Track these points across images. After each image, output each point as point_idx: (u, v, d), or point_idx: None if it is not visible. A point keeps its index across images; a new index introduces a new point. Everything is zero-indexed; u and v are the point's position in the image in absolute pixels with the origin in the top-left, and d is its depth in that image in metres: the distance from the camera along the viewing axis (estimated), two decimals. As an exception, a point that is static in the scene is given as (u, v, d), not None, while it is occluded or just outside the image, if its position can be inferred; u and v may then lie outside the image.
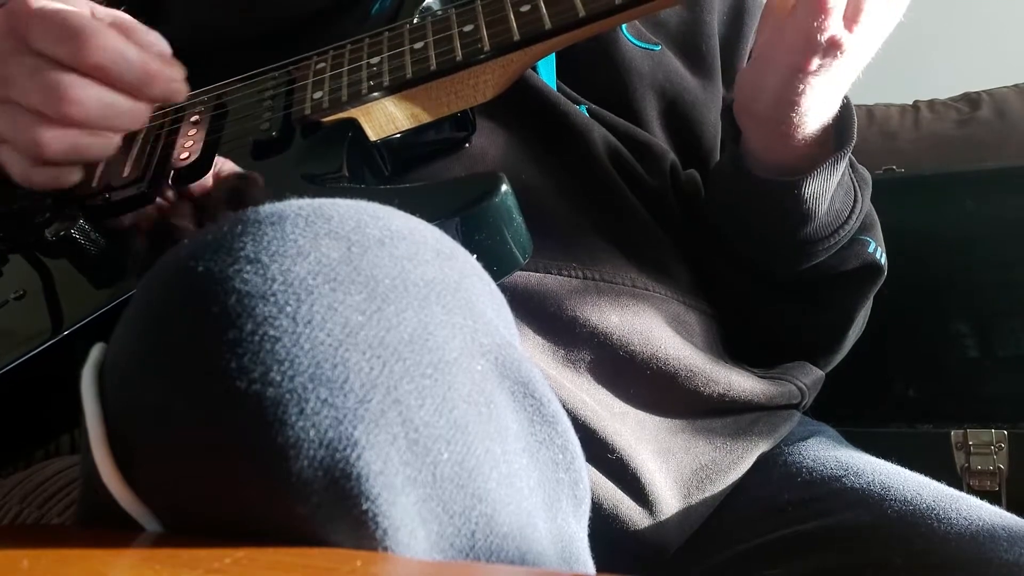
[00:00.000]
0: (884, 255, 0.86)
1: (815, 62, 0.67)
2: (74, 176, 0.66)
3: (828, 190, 0.75)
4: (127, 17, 0.66)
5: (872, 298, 0.90)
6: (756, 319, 0.86)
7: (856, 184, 0.82)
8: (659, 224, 0.81)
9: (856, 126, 0.75)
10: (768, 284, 0.84)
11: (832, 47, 0.65)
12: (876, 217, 0.89)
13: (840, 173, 0.76)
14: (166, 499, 0.39)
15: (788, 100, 0.70)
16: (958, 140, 1.56)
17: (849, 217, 0.80)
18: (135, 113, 0.64)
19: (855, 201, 0.81)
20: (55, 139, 0.62)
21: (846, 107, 0.74)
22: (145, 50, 0.64)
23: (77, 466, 0.65)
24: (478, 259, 0.46)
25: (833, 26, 0.64)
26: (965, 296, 1.31)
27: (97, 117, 0.62)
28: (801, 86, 0.68)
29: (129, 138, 0.70)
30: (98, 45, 0.61)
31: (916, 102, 1.66)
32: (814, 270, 0.82)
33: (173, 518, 0.39)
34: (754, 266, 0.83)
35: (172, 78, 0.64)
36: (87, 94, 0.61)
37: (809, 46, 0.65)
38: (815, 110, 0.71)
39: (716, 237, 0.84)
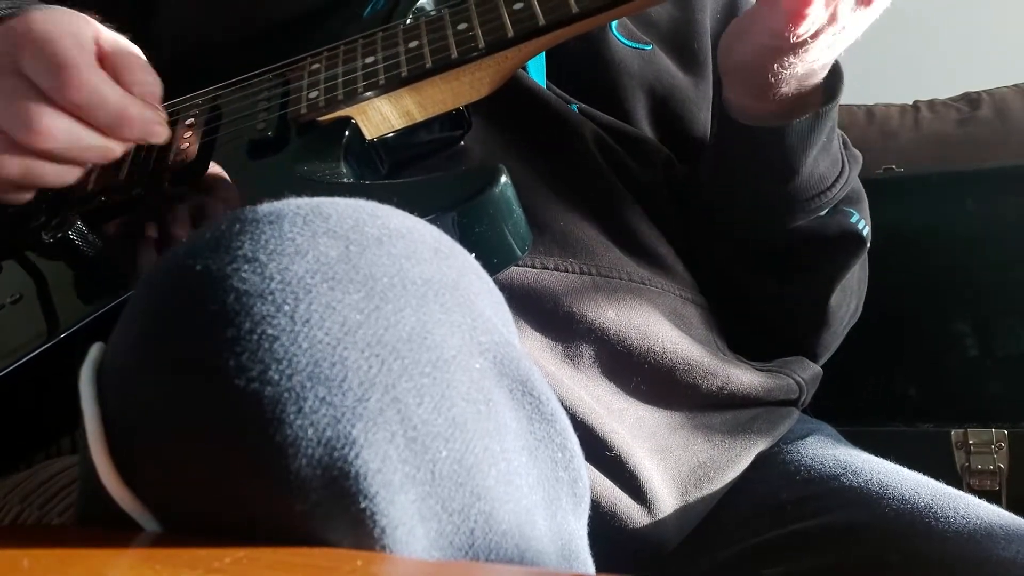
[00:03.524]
0: (868, 228, 0.87)
1: (786, 46, 0.68)
2: (23, 197, 0.67)
3: (811, 146, 0.76)
4: (127, 50, 0.67)
5: (864, 280, 0.91)
6: (743, 295, 0.87)
7: (845, 157, 0.84)
8: (653, 218, 0.81)
9: (842, 87, 0.76)
10: (752, 251, 0.85)
11: (804, 41, 0.67)
12: (864, 195, 0.90)
13: (825, 132, 0.77)
14: (164, 498, 0.39)
15: (760, 70, 0.71)
16: (958, 140, 1.56)
17: (834, 184, 0.81)
18: (104, 150, 0.65)
19: (841, 171, 0.82)
20: (11, 163, 0.63)
21: (835, 70, 0.76)
22: (133, 88, 0.64)
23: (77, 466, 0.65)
24: (477, 251, 0.46)
25: (805, 27, 0.65)
26: (965, 296, 1.31)
27: (62, 149, 0.63)
28: (772, 63, 0.70)
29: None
30: (77, 83, 0.61)
31: (916, 102, 1.65)
32: (795, 233, 0.83)
33: (172, 517, 0.39)
34: (738, 228, 0.84)
35: (150, 120, 0.65)
36: (56, 125, 0.62)
37: (783, 36, 0.66)
38: (789, 80, 0.72)
39: (703, 200, 0.84)
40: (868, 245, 0.87)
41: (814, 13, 0.64)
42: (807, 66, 0.71)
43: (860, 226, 0.86)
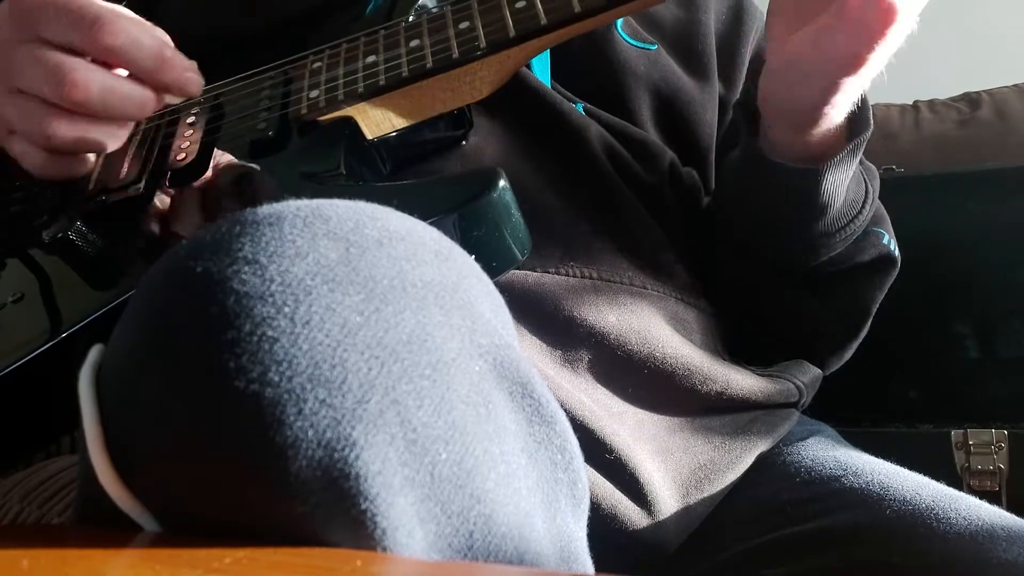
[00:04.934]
0: (897, 247, 0.86)
1: (856, 78, 0.65)
2: (87, 166, 0.67)
3: (846, 179, 0.75)
4: (129, 13, 0.66)
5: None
6: (767, 315, 0.86)
7: (864, 175, 0.83)
8: (657, 221, 0.81)
9: (871, 114, 0.74)
10: (784, 278, 0.84)
11: (879, 63, 0.64)
12: (885, 211, 0.89)
13: (857, 160, 0.75)
14: (164, 499, 0.39)
15: (823, 106, 0.68)
16: (958, 140, 1.56)
17: (863, 208, 0.80)
18: (140, 100, 0.64)
19: (867, 192, 0.81)
20: (64, 128, 0.63)
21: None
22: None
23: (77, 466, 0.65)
24: (477, 255, 0.46)
25: (883, 48, 0.63)
26: (966, 296, 1.31)
27: (97, 100, 0.62)
28: (839, 96, 0.67)
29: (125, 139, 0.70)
30: (114, 29, 0.61)
31: (916, 102, 1.65)
32: (830, 263, 0.82)
33: (171, 518, 0.39)
34: (772, 259, 0.83)
35: (186, 67, 0.65)
36: (89, 77, 0.62)
37: (858, 64, 0.64)
38: (843, 110, 0.70)
39: (728, 232, 0.83)
40: (899, 266, 0.86)
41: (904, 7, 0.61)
42: (861, 87, 0.68)
43: (892, 247, 0.85)
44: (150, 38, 0.63)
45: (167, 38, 0.66)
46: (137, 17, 0.66)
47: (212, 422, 0.37)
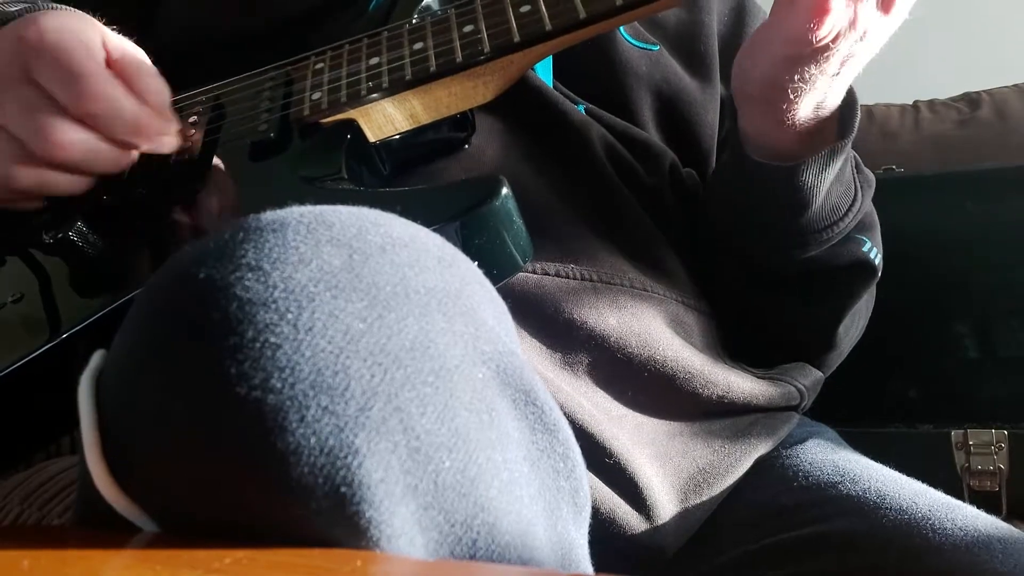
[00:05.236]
0: (879, 257, 0.86)
1: (807, 53, 0.66)
2: (32, 205, 0.68)
3: (824, 180, 0.75)
4: (135, 56, 0.66)
5: (871, 300, 0.90)
6: (751, 314, 0.86)
7: (858, 183, 0.82)
8: (657, 223, 0.81)
9: (858, 120, 0.74)
10: (763, 277, 0.84)
11: (826, 46, 0.65)
12: (876, 220, 0.89)
13: (839, 165, 0.75)
14: (163, 503, 0.39)
15: (779, 85, 0.69)
16: (958, 140, 1.56)
17: (846, 214, 0.79)
18: (117, 160, 0.65)
19: (854, 199, 0.80)
20: (25, 174, 0.64)
21: (850, 100, 0.74)
22: (143, 99, 0.65)
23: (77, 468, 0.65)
24: (478, 263, 0.46)
25: (827, 26, 0.63)
26: (965, 296, 1.31)
27: (79, 161, 0.64)
28: (791, 75, 0.68)
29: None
30: (94, 94, 0.62)
31: (916, 102, 1.66)
32: (807, 263, 0.82)
33: (170, 521, 0.39)
34: (749, 256, 0.83)
35: (162, 132, 0.65)
36: (73, 139, 0.63)
37: (804, 40, 0.64)
38: (808, 98, 0.70)
39: (713, 226, 0.84)
40: (879, 274, 0.85)
41: (836, 9, 0.62)
42: (826, 81, 0.68)
43: (872, 255, 0.84)
44: (129, 105, 0.64)
45: (159, 90, 0.66)
46: (133, 66, 0.65)
47: (212, 425, 0.37)
